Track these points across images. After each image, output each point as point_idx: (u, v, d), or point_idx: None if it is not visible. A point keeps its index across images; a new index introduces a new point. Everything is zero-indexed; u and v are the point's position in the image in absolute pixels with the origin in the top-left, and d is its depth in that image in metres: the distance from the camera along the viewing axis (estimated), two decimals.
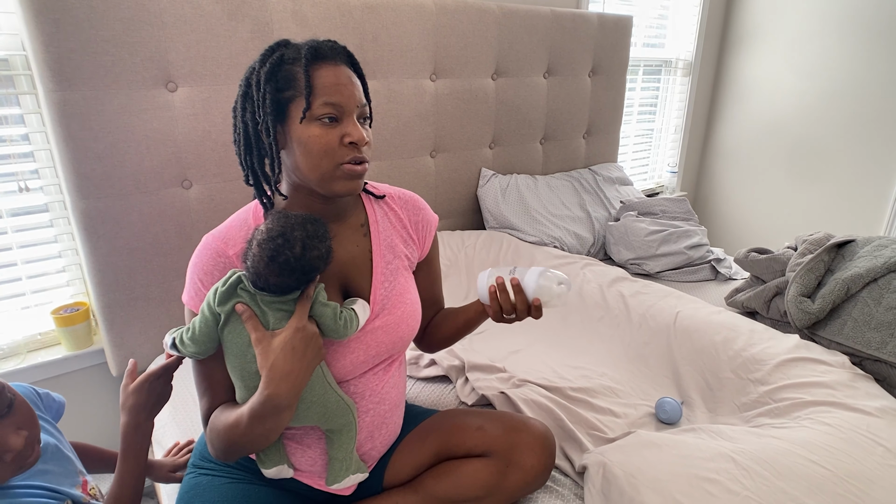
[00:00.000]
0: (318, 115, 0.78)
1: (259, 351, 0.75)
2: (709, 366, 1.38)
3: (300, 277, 0.77)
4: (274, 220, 0.77)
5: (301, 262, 0.75)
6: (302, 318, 0.77)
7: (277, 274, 0.75)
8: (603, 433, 1.17)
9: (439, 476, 0.95)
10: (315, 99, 0.78)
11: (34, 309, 1.54)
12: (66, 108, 1.28)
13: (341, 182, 0.82)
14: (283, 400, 0.74)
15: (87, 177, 1.34)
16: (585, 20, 2.32)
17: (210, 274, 0.82)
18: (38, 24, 1.22)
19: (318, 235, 0.77)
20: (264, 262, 0.74)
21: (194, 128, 1.47)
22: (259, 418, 0.75)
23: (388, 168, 1.92)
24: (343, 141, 0.80)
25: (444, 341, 1.08)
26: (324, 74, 0.79)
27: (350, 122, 0.80)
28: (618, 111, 2.66)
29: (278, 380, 0.73)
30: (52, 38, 1.24)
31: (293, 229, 0.76)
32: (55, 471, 0.88)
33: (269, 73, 0.79)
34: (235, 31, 1.48)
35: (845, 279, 1.48)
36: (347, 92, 0.80)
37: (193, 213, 1.52)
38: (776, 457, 1.00)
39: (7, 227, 1.44)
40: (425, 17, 1.84)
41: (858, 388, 1.24)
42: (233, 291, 0.77)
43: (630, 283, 1.74)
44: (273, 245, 0.74)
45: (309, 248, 0.75)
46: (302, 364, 0.75)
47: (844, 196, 2.91)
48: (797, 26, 2.88)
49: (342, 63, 0.82)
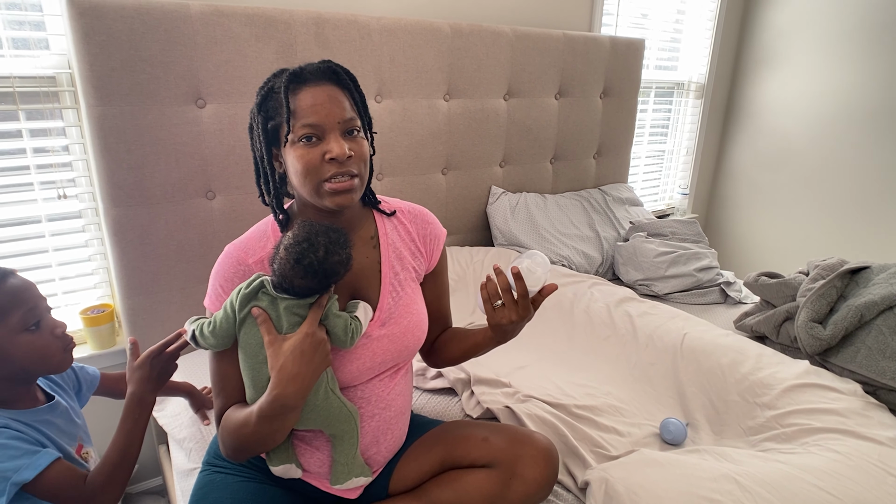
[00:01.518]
0: (298, 137, 0.83)
1: (270, 353, 0.80)
2: (715, 388, 1.37)
3: (322, 280, 0.82)
4: (300, 228, 0.83)
5: (324, 265, 0.80)
6: (312, 325, 0.81)
7: (302, 276, 0.80)
8: (606, 451, 1.18)
9: (443, 485, 0.98)
10: (295, 122, 0.83)
11: (64, 309, 1.61)
12: (104, 122, 1.36)
13: (329, 198, 0.85)
14: (289, 401, 0.78)
15: (119, 186, 1.42)
16: (597, 43, 2.37)
17: (230, 281, 0.88)
18: (86, 45, 1.31)
19: (339, 242, 0.83)
20: (290, 265, 0.80)
21: (220, 142, 1.54)
22: (267, 418, 0.80)
23: (400, 184, 1.97)
24: (325, 157, 0.83)
25: (451, 361, 1.09)
26: (301, 98, 0.83)
27: (331, 138, 0.83)
28: (629, 132, 2.70)
29: (286, 381, 0.78)
30: (97, 57, 1.32)
31: (317, 235, 0.81)
32: (60, 426, 0.96)
33: (260, 103, 0.87)
34: (261, 52, 1.55)
35: (859, 306, 1.45)
36: (324, 111, 0.83)
37: (216, 222, 1.58)
38: (781, 481, 1.00)
39: (45, 232, 1.53)
40: (441, 40, 1.91)
41: (871, 416, 1.22)
42: (254, 294, 0.83)
43: (638, 304, 1.75)
44: (299, 248, 0.80)
45: (331, 253, 0.81)
46: (310, 368, 0.79)
47: (859, 221, 2.89)
48: (811, 49, 2.90)
49: (324, 82, 0.85)
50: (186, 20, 1.42)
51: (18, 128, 1.43)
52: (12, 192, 1.47)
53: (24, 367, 0.89)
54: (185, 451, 1.26)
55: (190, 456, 1.24)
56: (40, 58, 1.43)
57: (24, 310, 0.87)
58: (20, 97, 1.41)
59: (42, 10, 1.42)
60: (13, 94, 1.40)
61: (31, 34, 1.42)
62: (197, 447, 1.24)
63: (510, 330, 0.95)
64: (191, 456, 1.24)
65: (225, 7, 1.47)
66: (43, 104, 1.45)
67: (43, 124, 1.47)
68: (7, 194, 1.47)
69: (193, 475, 1.16)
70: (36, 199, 1.50)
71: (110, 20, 1.32)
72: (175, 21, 1.40)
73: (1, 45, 1.38)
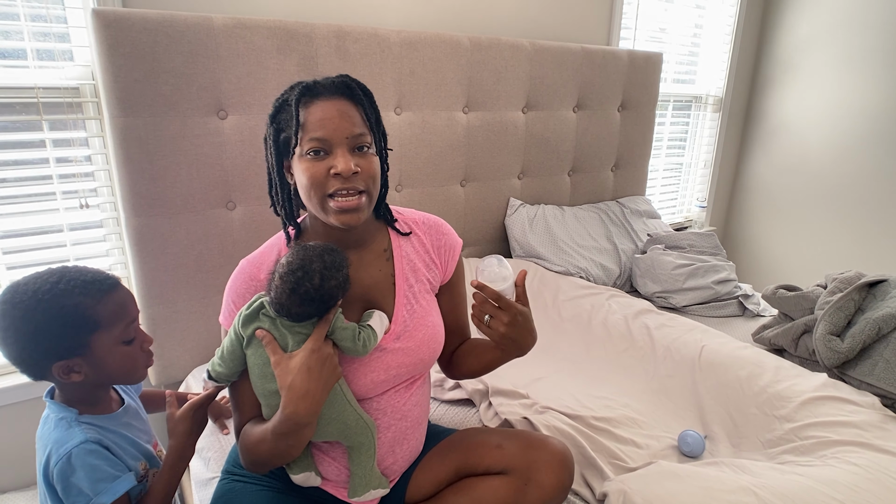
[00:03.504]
0: (305, 151, 0.83)
1: (278, 372, 0.80)
2: (733, 401, 1.37)
3: (320, 306, 0.82)
4: (293, 254, 0.83)
5: (320, 292, 0.80)
6: (318, 340, 0.81)
7: (299, 304, 0.80)
8: (624, 462, 1.17)
9: (459, 493, 0.98)
10: (303, 136, 0.83)
11: None
12: (127, 133, 1.39)
13: (334, 215, 0.85)
14: (302, 418, 0.78)
15: (141, 196, 1.44)
16: (615, 57, 2.38)
17: (242, 296, 0.89)
18: (111, 56, 1.34)
19: (335, 265, 0.82)
20: (286, 294, 0.80)
21: (241, 153, 1.56)
22: (282, 435, 0.80)
23: (419, 195, 1.99)
24: (329, 172, 0.83)
25: (472, 374, 1.07)
26: (312, 111, 0.83)
27: (338, 153, 0.83)
28: (646, 145, 2.70)
29: (297, 399, 0.78)
30: (121, 69, 1.35)
31: (311, 262, 0.81)
32: (136, 426, 0.99)
33: (273, 116, 0.88)
34: (283, 64, 1.58)
35: (876, 319, 1.46)
36: (333, 125, 0.83)
37: (235, 232, 1.60)
38: (799, 493, 1.00)
39: (67, 241, 1.55)
40: (460, 53, 1.93)
41: (889, 430, 1.22)
42: (255, 315, 0.84)
43: (655, 316, 1.75)
44: (294, 278, 0.79)
45: (327, 279, 0.80)
46: (319, 383, 0.79)
47: (877, 235, 2.86)
48: (829, 63, 2.89)
49: (335, 96, 0.85)
50: (209, 33, 1.45)
51: (42, 138, 1.47)
52: (35, 202, 1.50)
53: (111, 375, 0.91)
54: (204, 461, 1.26)
55: (209, 465, 1.25)
56: (65, 69, 1.46)
57: (126, 322, 0.89)
58: (44, 108, 1.45)
59: (67, 22, 1.46)
60: (37, 104, 1.44)
61: (56, 45, 1.46)
62: (216, 456, 1.24)
63: (515, 338, 0.89)
64: (209, 465, 1.24)
65: (247, 20, 1.50)
66: (66, 115, 1.48)
67: (66, 134, 1.50)
68: (30, 203, 1.49)
69: (212, 484, 1.16)
70: (58, 209, 1.52)
71: (135, 32, 1.35)
72: (198, 34, 1.43)
73: (26, 56, 1.42)
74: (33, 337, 0.82)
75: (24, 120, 1.44)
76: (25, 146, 1.46)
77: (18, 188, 1.47)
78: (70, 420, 0.88)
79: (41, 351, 0.83)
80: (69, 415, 0.89)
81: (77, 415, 0.89)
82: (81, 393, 0.90)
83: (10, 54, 1.41)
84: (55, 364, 0.84)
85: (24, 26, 1.40)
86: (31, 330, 0.82)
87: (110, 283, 0.89)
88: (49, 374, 0.86)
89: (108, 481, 0.85)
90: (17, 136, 1.44)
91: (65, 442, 0.85)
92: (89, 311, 0.85)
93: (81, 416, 0.89)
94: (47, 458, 0.85)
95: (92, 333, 0.85)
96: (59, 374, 0.85)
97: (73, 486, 0.83)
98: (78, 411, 0.90)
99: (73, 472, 0.83)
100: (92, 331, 0.85)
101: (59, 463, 0.83)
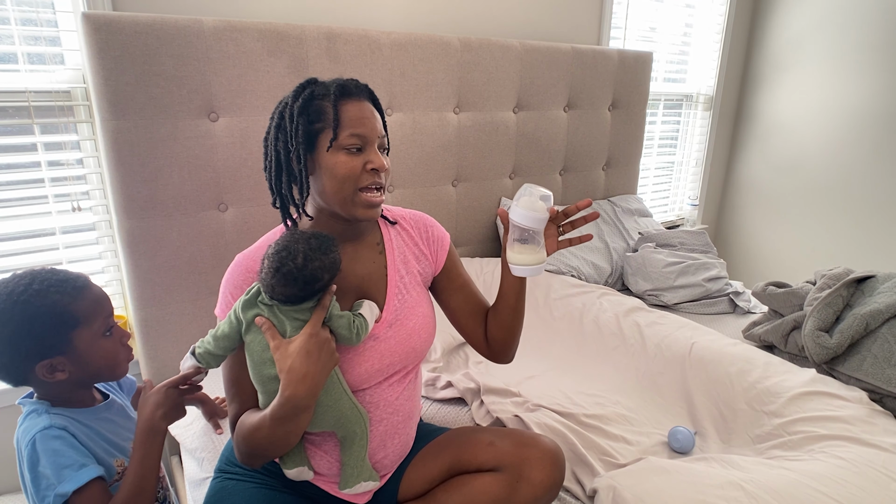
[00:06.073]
0: (345, 145, 0.87)
1: (277, 356, 0.81)
2: (723, 397, 1.38)
3: (304, 287, 0.83)
4: (282, 238, 0.85)
5: (303, 272, 0.81)
6: (316, 325, 0.83)
7: (283, 284, 0.81)
8: (615, 459, 1.19)
9: (451, 490, 0.99)
10: (342, 130, 0.87)
11: None
12: (118, 136, 1.39)
13: (361, 209, 0.90)
14: (301, 401, 0.79)
15: (133, 198, 1.44)
16: (606, 56, 2.39)
17: (240, 289, 0.91)
18: (101, 59, 1.34)
19: (320, 248, 0.84)
20: (270, 274, 0.82)
21: (232, 155, 1.57)
22: (280, 420, 0.81)
23: (411, 196, 1.99)
24: (366, 167, 0.88)
25: (509, 330, 1.03)
26: (350, 109, 0.88)
27: (372, 151, 0.89)
28: (637, 144, 2.71)
29: (296, 382, 0.79)
30: (112, 72, 1.35)
31: (296, 243, 0.83)
32: (118, 423, 1.00)
33: (302, 107, 0.88)
34: (273, 66, 1.58)
35: (864, 314, 1.47)
36: (370, 125, 0.89)
37: (227, 234, 1.61)
38: (786, 487, 1.01)
39: (59, 244, 1.56)
40: (450, 54, 1.94)
41: (876, 424, 1.23)
42: (253, 302, 0.85)
43: (646, 314, 1.76)
44: (277, 258, 0.82)
45: (310, 259, 0.82)
46: (318, 366, 0.81)
47: (866, 232, 2.89)
48: (819, 60, 2.91)
49: (365, 99, 0.91)
50: (200, 35, 1.45)
51: (33, 141, 1.47)
52: (27, 205, 1.50)
53: (95, 371, 0.92)
54: (198, 461, 1.27)
55: (202, 465, 1.25)
56: (55, 72, 1.47)
57: (104, 315, 0.91)
58: (35, 111, 1.45)
59: (57, 26, 1.46)
60: (28, 108, 1.44)
61: (47, 49, 1.46)
62: (209, 457, 1.25)
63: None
64: (203, 465, 1.25)
65: (238, 23, 1.51)
66: (58, 118, 1.49)
67: (57, 138, 1.50)
68: (22, 207, 1.50)
69: (206, 484, 1.16)
70: (50, 212, 1.53)
71: (125, 35, 1.35)
72: (188, 36, 1.44)
73: (17, 60, 1.42)
74: (14, 339, 0.82)
75: (16, 124, 1.44)
76: (17, 150, 1.47)
77: (10, 192, 1.48)
78: (40, 411, 0.88)
79: (23, 353, 0.84)
80: (40, 407, 0.89)
81: (49, 406, 0.90)
82: (61, 392, 0.91)
83: (0, 58, 1.41)
84: (38, 364, 0.85)
85: (14, 30, 1.40)
86: (10, 333, 0.82)
87: (83, 281, 0.90)
88: (31, 376, 0.86)
89: (72, 469, 0.84)
90: (8, 139, 1.44)
91: (31, 430, 0.85)
92: (69, 308, 0.85)
93: (53, 407, 0.90)
94: (19, 451, 0.86)
95: (73, 330, 0.86)
96: (43, 374, 0.86)
97: (41, 475, 0.83)
98: (50, 403, 0.90)
99: (38, 461, 0.83)
100: (73, 328, 0.86)
101: (27, 451, 0.84)
